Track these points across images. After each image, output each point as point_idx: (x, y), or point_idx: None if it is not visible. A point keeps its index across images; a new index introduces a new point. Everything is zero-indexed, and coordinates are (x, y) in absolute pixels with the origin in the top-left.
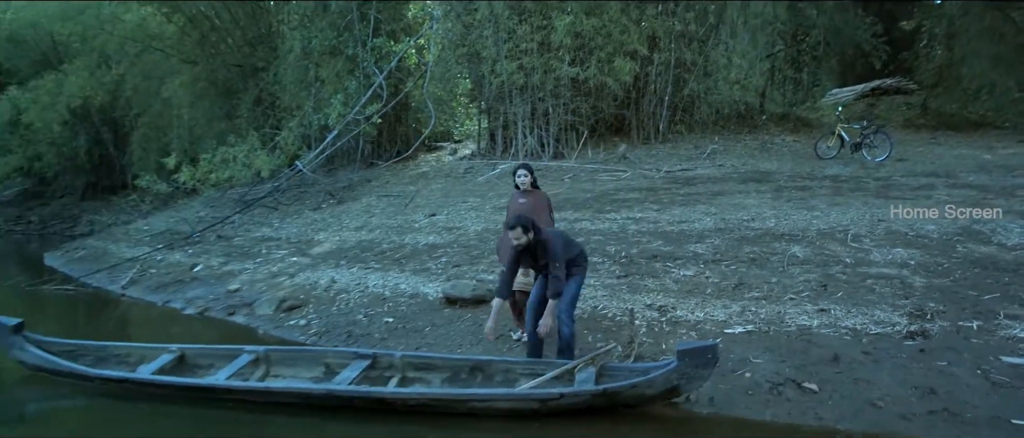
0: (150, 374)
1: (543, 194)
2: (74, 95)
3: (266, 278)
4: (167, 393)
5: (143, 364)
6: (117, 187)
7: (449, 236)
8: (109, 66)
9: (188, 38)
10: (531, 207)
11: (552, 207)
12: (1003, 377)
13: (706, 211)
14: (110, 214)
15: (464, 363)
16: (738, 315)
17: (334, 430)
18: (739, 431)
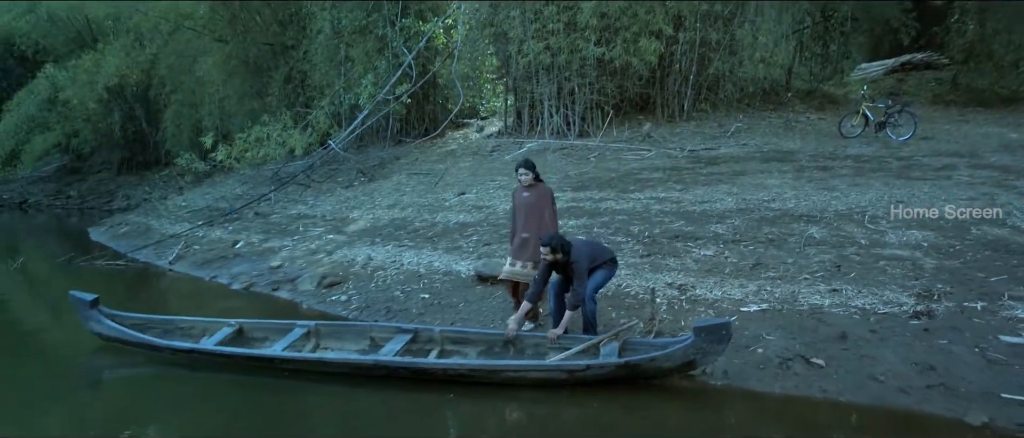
0: (214, 345)
1: (546, 188)
2: (111, 74)
3: (305, 255)
4: (229, 362)
5: (205, 336)
6: (151, 162)
7: (479, 215)
8: (143, 45)
9: (219, 17)
10: (534, 201)
11: (554, 200)
12: (999, 355)
13: (728, 191)
14: (145, 189)
15: (497, 337)
16: (754, 294)
17: (380, 396)
18: (749, 402)
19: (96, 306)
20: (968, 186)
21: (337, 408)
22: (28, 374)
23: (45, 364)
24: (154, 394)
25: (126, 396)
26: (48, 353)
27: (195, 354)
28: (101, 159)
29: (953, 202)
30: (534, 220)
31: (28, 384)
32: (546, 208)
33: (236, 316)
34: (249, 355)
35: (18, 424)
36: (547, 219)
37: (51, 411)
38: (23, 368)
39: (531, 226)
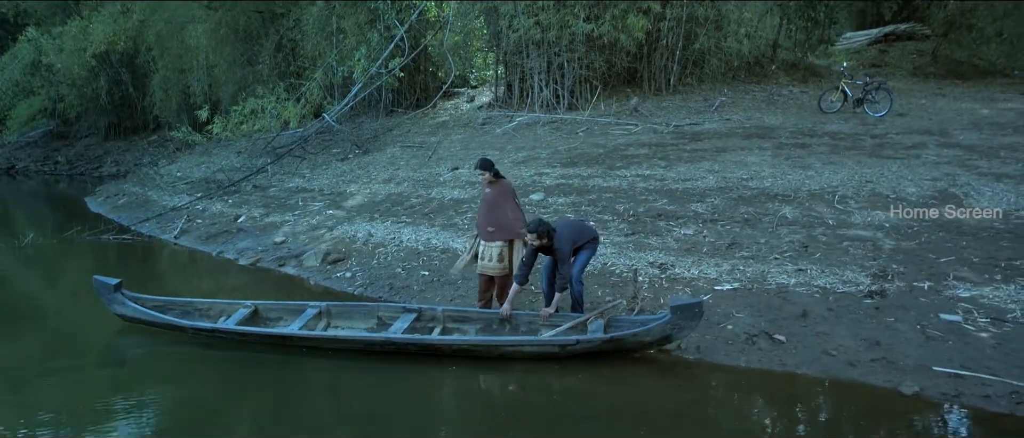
0: (234, 325)
1: (506, 184)
2: (99, 42)
3: (307, 230)
4: (247, 341)
5: (223, 317)
6: (139, 127)
7: (473, 191)
8: (131, 12)
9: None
10: (495, 197)
11: (515, 193)
12: (937, 332)
13: (709, 169)
14: (134, 154)
15: (494, 316)
16: (728, 273)
17: (390, 370)
18: (717, 374)
19: (119, 289)
20: (933, 167)
21: (351, 380)
22: (57, 350)
23: (73, 342)
24: (177, 368)
25: (151, 370)
26: (75, 332)
27: (217, 334)
28: (87, 124)
29: (918, 184)
30: (495, 214)
31: (58, 359)
32: (507, 203)
33: (247, 291)
34: (267, 334)
35: (46, 397)
36: (510, 213)
37: (82, 385)
38: (51, 346)
39: (493, 220)
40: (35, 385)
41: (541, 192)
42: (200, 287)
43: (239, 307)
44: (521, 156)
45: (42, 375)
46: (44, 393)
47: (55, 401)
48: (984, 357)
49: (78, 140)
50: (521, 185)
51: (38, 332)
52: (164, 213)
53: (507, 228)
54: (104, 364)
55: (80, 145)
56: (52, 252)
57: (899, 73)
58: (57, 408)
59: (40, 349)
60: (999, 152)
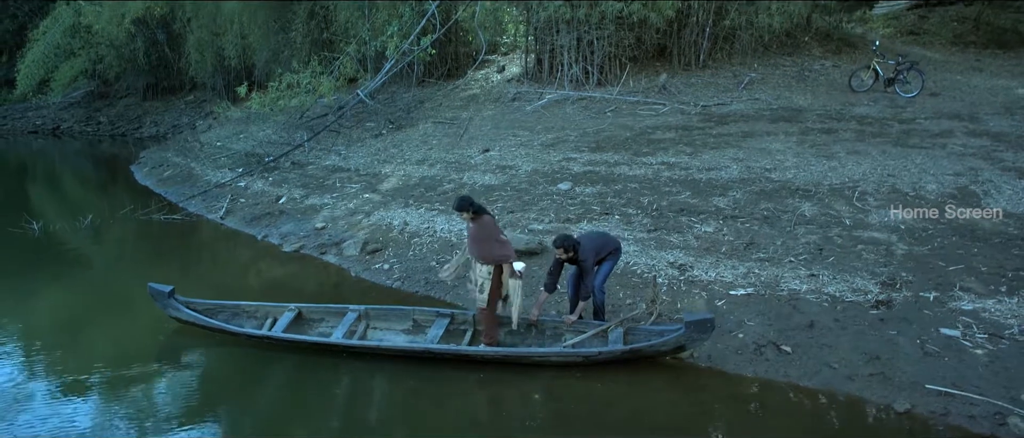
0: (281, 332)
1: (488, 220)
2: (139, 7)
3: (345, 215)
4: (292, 345)
5: (270, 319)
6: (176, 88)
7: (503, 176)
8: None
9: None
10: (476, 232)
11: (497, 226)
12: (935, 347)
13: (734, 157)
14: (172, 115)
15: (522, 320)
16: (743, 277)
17: (424, 375)
18: (724, 384)
19: (173, 295)
20: (958, 159)
21: (388, 385)
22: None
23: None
24: (229, 370)
25: (206, 372)
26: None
27: (266, 341)
28: (127, 84)
29: (939, 180)
30: (479, 247)
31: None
32: (490, 240)
33: (294, 280)
34: (313, 342)
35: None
36: (495, 249)
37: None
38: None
39: (480, 251)
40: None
41: (569, 181)
42: (251, 274)
43: (284, 310)
44: (550, 138)
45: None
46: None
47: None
48: (976, 375)
49: (118, 100)
50: (549, 172)
51: (100, 334)
52: (209, 190)
53: (494, 257)
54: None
55: (120, 105)
56: (110, 233)
57: (938, 41)
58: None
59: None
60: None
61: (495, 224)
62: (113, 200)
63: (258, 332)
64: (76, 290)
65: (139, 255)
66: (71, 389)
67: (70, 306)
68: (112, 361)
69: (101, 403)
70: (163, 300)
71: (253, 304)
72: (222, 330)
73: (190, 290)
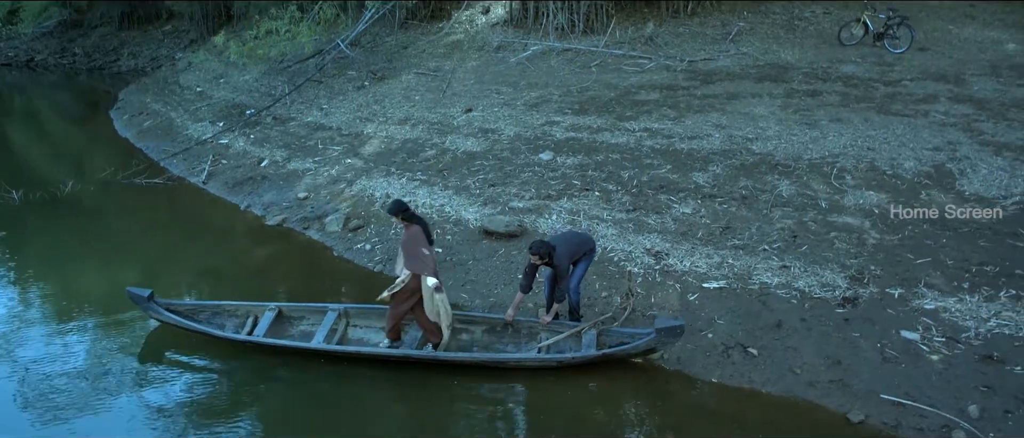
0: (262, 336)
1: (414, 229)
2: None
3: (328, 184)
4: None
5: (251, 318)
6: (152, 17)
7: (485, 142)
8: None
9: None
10: (408, 240)
11: (422, 237)
12: (894, 352)
13: (717, 123)
14: (150, 47)
15: (498, 319)
16: (717, 267)
17: (401, 378)
18: (690, 390)
19: (153, 299)
20: (939, 129)
21: (365, 390)
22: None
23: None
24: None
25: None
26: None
27: (248, 344)
28: (100, 13)
29: (917, 155)
30: (404, 256)
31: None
32: (415, 249)
33: (278, 261)
34: (293, 347)
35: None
36: (420, 257)
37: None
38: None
39: (406, 261)
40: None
41: (550, 151)
42: (235, 253)
43: (265, 309)
44: (534, 97)
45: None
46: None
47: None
48: (929, 384)
49: (93, 30)
50: (532, 138)
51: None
52: (190, 147)
53: (413, 269)
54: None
55: (95, 35)
56: (91, 201)
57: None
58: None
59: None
60: (1009, 111)
61: (421, 235)
62: (94, 157)
63: (239, 337)
64: (52, 282)
65: (121, 231)
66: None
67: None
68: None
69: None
70: (143, 304)
71: (234, 303)
72: (204, 333)
73: (174, 272)
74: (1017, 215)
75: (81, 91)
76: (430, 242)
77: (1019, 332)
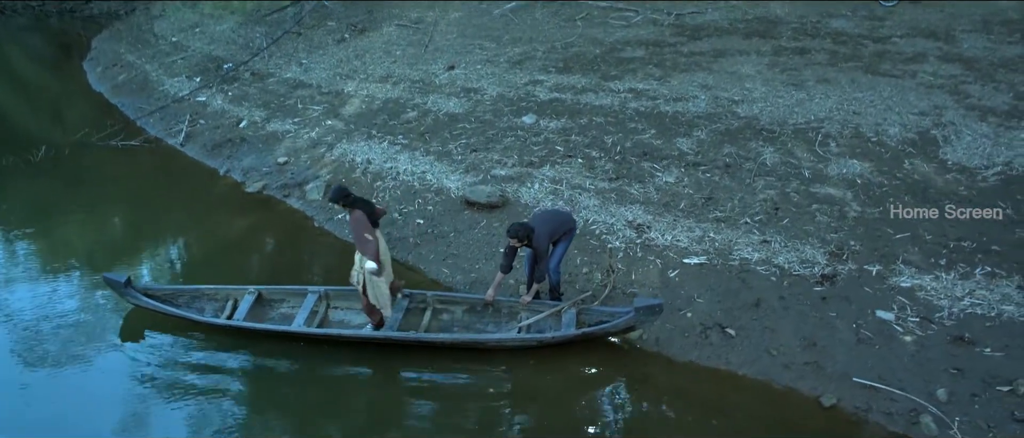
0: (242, 320)
1: (355, 215)
2: None
3: (308, 147)
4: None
5: (231, 302)
6: None
7: (467, 103)
8: None
9: None
10: (353, 225)
11: (362, 223)
12: (869, 333)
13: (703, 83)
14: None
15: (479, 300)
16: (698, 241)
17: (383, 360)
18: (667, 372)
19: (130, 285)
20: (926, 92)
21: (346, 372)
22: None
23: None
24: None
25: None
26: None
27: (228, 329)
28: None
29: (903, 120)
30: (355, 241)
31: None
32: (360, 233)
33: (259, 232)
34: (273, 331)
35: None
36: (364, 242)
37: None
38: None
39: (356, 246)
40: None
41: (533, 114)
42: (215, 224)
43: (244, 292)
44: (517, 53)
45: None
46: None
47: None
48: (901, 367)
49: None
50: (515, 98)
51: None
52: (166, 105)
53: (362, 251)
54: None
55: None
56: (68, 166)
57: None
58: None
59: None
60: (997, 72)
61: (365, 219)
62: (68, 114)
63: (219, 321)
64: (26, 260)
65: (97, 201)
66: None
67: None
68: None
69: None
70: (120, 290)
71: (212, 287)
72: (183, 318)
73: (153, 247)
74: (997, 187)
75: (52, 35)
76: (375, 224)
77: (991, 312)
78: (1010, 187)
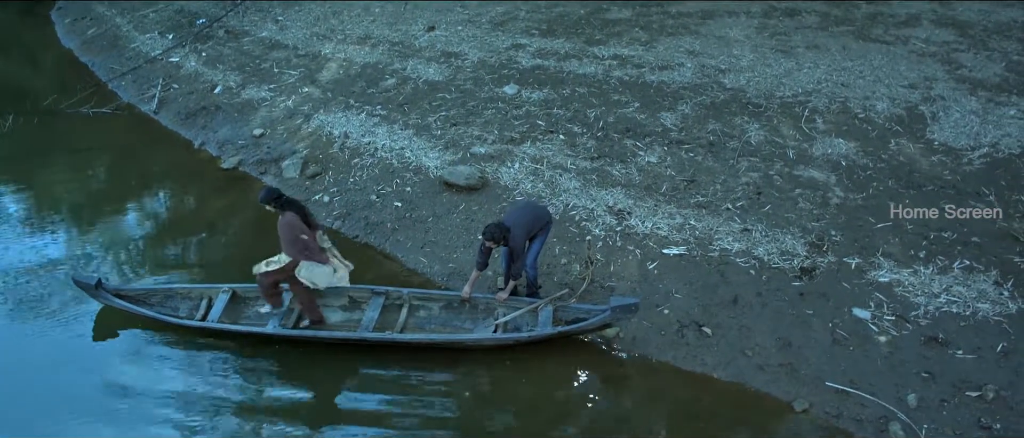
0: (215, 321)
1: (290, 216)
2: None
3: (284, 117)
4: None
5: (204, 301)
6: None
7: (448, 69)
8: None
9: None
10: (280, 231)
11: (289, 227)
12: (844, 332)
13: (690, 50)
14: None
15: (455, 297)
16: (678, 230)
17: (358, 361)
18: (643, 374)
19: (100, 287)
20: (917, 61)
21: (321, 372)
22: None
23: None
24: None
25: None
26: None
27: (203, 331)
28: None
29: (892, 93)
30: (282, 242)
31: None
32: (290, 235)
33: (231, 217)
34: (248, 332)
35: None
36: (297, 243)
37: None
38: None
39: (283, 247)
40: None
41: (515, 84)
42: (190, 205)
43: (219, 291)
44: (500, 12)
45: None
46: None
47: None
48: (874, 370)
49: None
50: (497, 65)
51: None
52: (139, 67)
53: (293, 254)
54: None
55: None
56: (37, 136)
57: None
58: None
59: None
60: (990, 38)
61: (297, 222)
62: (37, 75)
63: (192, 323)
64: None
65: (67, 180)
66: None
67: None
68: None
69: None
70: (90, 292)
71: (186, 286)
72: (156, 319)
73: (125, 233)
74: (983, 170)
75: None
76: (310, 226)
77: (966, 311)
78: (995, 172)
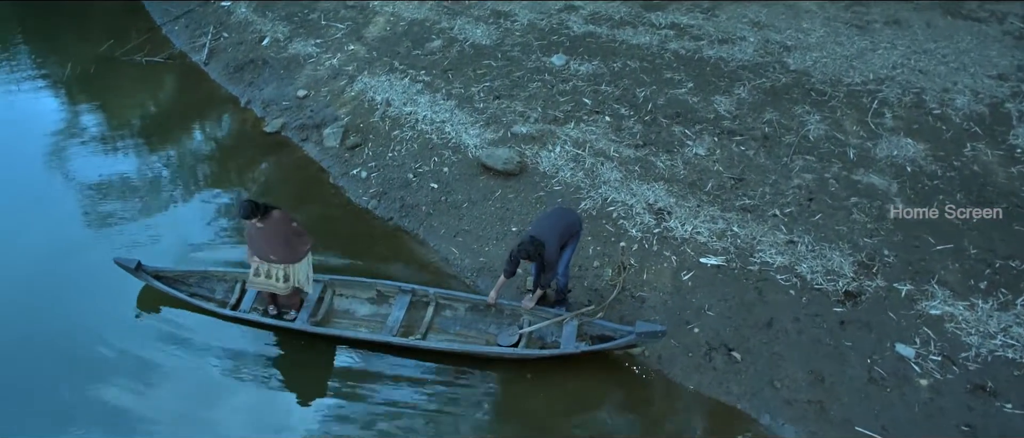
0: (247, 309)
1: (278, 216)
2: None
3: (329, 78)
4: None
5: (239, 283)
6: None
7: (497, 31)
8: None
9: None
10: (272, 231)
11: (292, 220)
12: (882, 371)
13: (755, 21)
14: None
15: (481, 300)
16: (719, 236)
17: (385, 359)
18: (667, 398)
19: (141, 269)
20: (1013, 44)
21: (343, 369)
22: None
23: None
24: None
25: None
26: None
27: (236, 320)
28: None
29: (975, 84)
30: (272, 246)
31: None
32: (283, 236)
33: (273, 186)
34: (278, 326)
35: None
36: (292, 242)
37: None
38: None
39: (277, 251)
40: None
41: (563, 54)
42: (230, 170)
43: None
44: None
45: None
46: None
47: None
48: (909, 417)
49: None
50: (547, 28)
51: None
52: (192, 9)
53: (289, 256)
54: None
55: None
56: (92, 91)
57: None
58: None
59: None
60: None
61: (287, 217)
62: (94, 17)
63: (225, 312)
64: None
65: (115, 144)
66: None
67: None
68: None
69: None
70: (132, 273)
71: (221, 269)
72: (191, 305)
73: (167, 198)
74: None
75: None
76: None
77: (1022, 357)
78: None
